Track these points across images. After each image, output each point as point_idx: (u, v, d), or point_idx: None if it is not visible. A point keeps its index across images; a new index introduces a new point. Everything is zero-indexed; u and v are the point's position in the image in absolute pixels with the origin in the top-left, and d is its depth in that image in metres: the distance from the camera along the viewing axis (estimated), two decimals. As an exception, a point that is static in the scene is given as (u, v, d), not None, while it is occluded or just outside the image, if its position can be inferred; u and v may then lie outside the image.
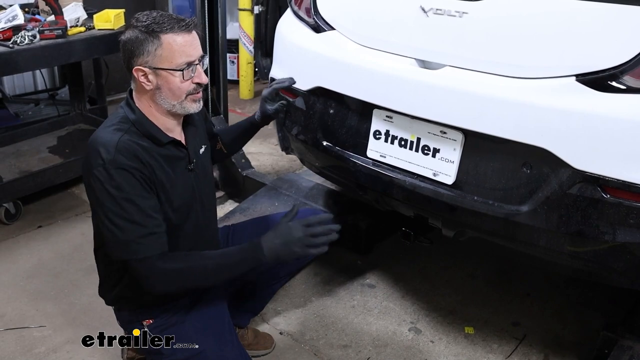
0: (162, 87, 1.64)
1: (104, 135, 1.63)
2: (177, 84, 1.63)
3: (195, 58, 1.64)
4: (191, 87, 1.66)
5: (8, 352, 2.22)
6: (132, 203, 1.58)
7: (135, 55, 1.61)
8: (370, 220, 2.83)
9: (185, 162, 1.77)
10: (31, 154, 3.43)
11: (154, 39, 1.59)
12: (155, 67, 1.61)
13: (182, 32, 1.61)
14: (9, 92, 4.14)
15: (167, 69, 1.61)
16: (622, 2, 1.61)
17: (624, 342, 2.02)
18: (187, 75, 1.63)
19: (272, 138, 4.28)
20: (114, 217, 1.58)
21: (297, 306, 2.55)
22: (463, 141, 1.92)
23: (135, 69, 1.63)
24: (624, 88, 1.62)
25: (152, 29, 1.59)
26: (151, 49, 1.60)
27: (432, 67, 1.96)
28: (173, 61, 1.61)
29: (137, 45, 1.60)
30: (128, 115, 1.67)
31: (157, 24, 1.59)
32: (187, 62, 1.62)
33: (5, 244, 2.91)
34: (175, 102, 1.66)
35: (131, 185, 1.58)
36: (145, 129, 1.66)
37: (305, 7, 2.38)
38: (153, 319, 1.79)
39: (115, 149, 1.58)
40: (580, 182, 1.68)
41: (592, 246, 1.78)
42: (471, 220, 1.98)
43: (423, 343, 2.37)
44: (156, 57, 1.60)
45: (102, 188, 1.58)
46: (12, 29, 2.82)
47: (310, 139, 2.35)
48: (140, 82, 1.64)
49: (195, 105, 1.71)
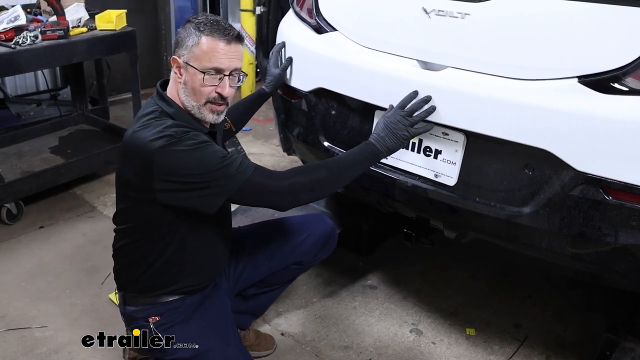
0: (187, 84, 1.67)
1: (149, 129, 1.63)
2: (199, 85, 1.65)
3: (225, 68, 1.66)
4: (212, 95, 1.68)
5: (10, 353, 2.22)
6: (212, 149, 1.63)
7: (179, 45, 1.68)
8: (371, 221, 2.83)
9: None
10: (33, 155, 3.43)
11: (196, 36, 1.64)
12: (187, 62, 1.65)
13: (221, 39, 1.64)
14: (11, 92, 4.14)
15: (195, 67, 1.64)
16: (624, 4, 1.61)
17: (626, 344, 2.02)
18: (210, 80, 1.65)
19: (274, 139, 4.28)
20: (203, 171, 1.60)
21: (298, 307, 2.55)
22: (465, 143, 1.92)
23: (172, 58, 1.69)
24: (626, 90, 1.61)
25: (199, 27, 1.64)
26: (190, 44, 1.65)
27: (434, 68, 1.96)
28: (202, 62, 1.64)
29: (183, 37, 1.67)
30: (165, 109, 1.70)
31: (205, 25, 1.64)
32: (215, 68, 1.64)
33: (6, 244, 2.91)
34: (195, 103, 1.69)
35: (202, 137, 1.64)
36: (186, 119, 1.70)
37: (307, 8, 2.38)
38: (159, 317, 1.79)
39: (170, 127, 1.62)
40: (582, 183, 1.68)
41: (594, 248, 1.78)
42: (473, 222, 1.97)
43: (424, 344, 2.36)
44: (191, 53, 1.65)
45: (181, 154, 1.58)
46: (14, 30, 2.82)
47: (312, 140, 2.35)
48: (174, 72, 1.70)
49: (212, 116, 1.72)
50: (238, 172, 1.62)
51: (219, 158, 1.62)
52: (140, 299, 1.82)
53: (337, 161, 1.81)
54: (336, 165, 1.78)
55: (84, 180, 3.47)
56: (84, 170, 3.35)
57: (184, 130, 1.62)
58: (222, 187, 1.62)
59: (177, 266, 1.79)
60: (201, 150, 1.61)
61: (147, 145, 1.59)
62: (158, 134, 1.59)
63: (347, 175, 1.79)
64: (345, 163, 1.79)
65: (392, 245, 2.96)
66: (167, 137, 1.59)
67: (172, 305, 1.81)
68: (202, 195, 1.62)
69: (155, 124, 1.64)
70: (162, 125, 1.62)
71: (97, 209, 3.24)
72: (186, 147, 1.59)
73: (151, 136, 1.60)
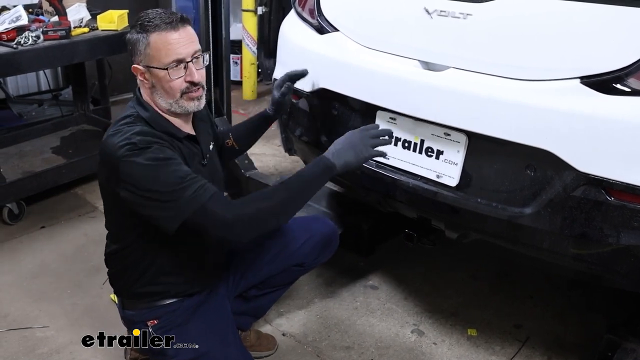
0: (157, 86, 1.65)
1: (119, 134, 1.60)
2: (167, 82, 1.63)
3: (184, 55, 1.63)
4: (184, 86, 1.65)
5: (11, 353, 2.22)
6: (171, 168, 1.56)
7: (133, 54, 1.65)
8: (372, 221, 2.83)
9: (199, 157, 1.78)
10: (34, 155, 3.43)
11: (144, 38, 1.61)
12: (147, 65, 1.63)
13: (168, 31, 1.60)
14: (13, 92, 4.14)
15: (156, 67, 1.62)
16: (626, 4, 1.61)
17: (627, 345, 2.02)
18: (175, 73, 1.62)
19: (276, 139, 4.28)
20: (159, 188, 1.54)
21: (299, 307, 2.55)
22: (467, 143, 1.92)
23: (133, 68, 1.66)
24: (629, 90, 1.61)
25: (143, 29, 1.61)
26: (142, 48, 1.62)
27: (435, 68, 1.96)
28: (160, 60, 1.61)
29: (132, 44, 1.64)
30: (140, 113, 1.67)
31: (147, 23, 1.60)
32: (175, 60, 1.62)
33: (8, 244, 2.92)
34: (171, 100, 1.66)
35: (166, 154, 1.58)
36: (161, 125, 1.67)
37: (308, 8, 2.38)
38: (157, 320, 1.79)
39: (137, 134, 1.58)
40: (584, 184, 1.68)
41: (595, 249, 1.78)
42: (474, 223, 1.97)
43: (426, 345, 2.36)
44: (147, 56, 1.62)
45: (136, 170, 1.54)
46: (16, 30, 2.82)
47: (314, 141, 2.35)
48: (140, 80, 1.67)
49: (193, 103, 1.69)
50: (193, 196, 1.54)
51: (177, 178, 1.55)
52: (137, 304, 1.82)
53: (294, 180, 1.69)
54: (295, 184, 1.68)
55: (86, 181, 3.47)
56: (86, 170, 3.35)
57: (148, 141, 1.57)
58: (175, 210, 1.55)
59: (170, 275, 1.79)
60: (159, 167, 1.55)
61: (113, 152, 1.56)
62: (123, 141, 1.57)
63: (307, 192, 1.70)
64: (304, 179, 1.69)
65: (393, 245, 2.95)
66: (130, 145, 1.55)
67: (170, 308, 1.80)
68: (157, 212, 1.57)
69: (125, 129, 1.61)
70: (130, 132, 1.59)
71: (99, 209, 3.24)
72: (145, 161, 1.54)
73: (118, 143, 1.57)
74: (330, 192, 3.02)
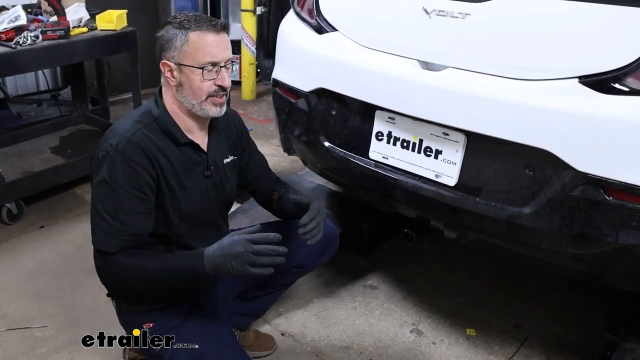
0: (184, 85, 1.65)
1: (123, 124, 1.66)
2: (198, 82, 1.63)
3: (220, 60, 1.64)
4: (212, 89, 1.65)
5: (10, 353, 2.22)
6: (118, 196, 1.59)
7: (165, 49, 1.64)
8: (372, 221, 2.83)
9: (202, 167, 1.77)
10: (33, 155, 3.43)
11: (182, 35, 1.61)
12: (180, 62, 1.63)
13: (210, 32, 1.62)
14: (12, 92, 4.13)
15: (190, 65, 1.62)
16: (624, 4, 1.61)
17: (626, 345, 2.02)
18: (208, 75, 1.63)
19: (274, 139, 4.28)
20: (97, 203, 1.60)
21: (298, 307, 2.55)
22: (465, 143, 1.92)
23: (162, 63, 1.66)
24: (627, 90, 1.61)
25: (183, 25, 1.62)
26: (178, 44, 1.62)
27: (434, 68, 1.96)
28: (196, 59, 1.62)
29: (167, 40, 1.64)
30: (152, 109, 1.69)
31: (188, 21, 1.62)
32: (211, 62, 1.63)
33: (7, 244, 2.91)
34: (195, 102, 1.66)
35: (127, 179, 1.59)
36: (165, 126, 1.67)
37: (307, 8, 2.38)
38: (153, 323, 1.78)
39: (127, 140, 1.60)
40: (582, 184, 1.68)
41: (594, 248, 1.78)
42: (473, 222, 1.97)
43: (425, 345, 2.36)
44: (182, 53, 1.62)
45: (99, 170, 1.59)
46: (15, 30, 2.82)
47: (312, 140, 2.35)
48: (166, 77, 1.67)
49: (216, 109, 1.69)
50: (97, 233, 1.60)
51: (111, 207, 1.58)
52: (133, 306, 1.82)
53: (164, 259, 1.65)
54: (161, 264, 1.62)
55: (85, 180, 3.46)
56: (85, 170, 3.34)
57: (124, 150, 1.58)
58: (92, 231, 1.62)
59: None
60: (108, 187, 1.58)
61: (101, 141, 1.65)
62: (113, 135, 1.63)
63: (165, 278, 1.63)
64: (169, 265, 1.62)
65: (392, 245, 2.95)
66: (109, 144, 1.60)
67: (165, 311, 1.79)
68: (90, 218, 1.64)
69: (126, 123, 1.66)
70: (125, 128, 1.64)
71: (98, 209, 3.24)
72: (103, 175, 1.58)
73: (110, 133, 1.64)
74: (330, 192, 3.02)
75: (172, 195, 1.69)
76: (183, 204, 1.72)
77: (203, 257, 1.56)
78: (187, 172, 1.72)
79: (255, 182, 2.04)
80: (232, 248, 1.54)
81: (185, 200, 1.72)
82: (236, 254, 1.53)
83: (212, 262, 1.55)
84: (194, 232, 1.78)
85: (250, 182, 2.03)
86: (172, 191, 1.68)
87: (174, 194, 1.69)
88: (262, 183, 2.05)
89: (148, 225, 1.65)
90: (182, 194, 1.71)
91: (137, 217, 1.62)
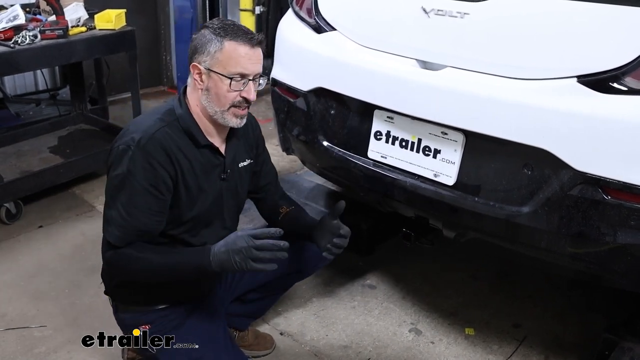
0: (211, 90, 1.65)
1: (145, 120, 1.66)
2: (224, 91, 1.64)
3: (250, 72, 1.64)
4: (237, 100, 1.66)
5: (9, 352, 2.22)
6: (134, 191, 1.59)
7: (198, 52, 1.65)
8: (371, 221, 2.83)
9: (219, 170, 1.77)
10: (32, 154, 3.43)
11: (218, 42, 1.62)
12: (210, 68, 1.63)
13: (245, 44, 1.62)
14: (10, 92, 4.13)
15: (219, 73, 1.62)
16: (623, 4, 1.61)
17: (625, 344, 2.02)
18: (236, 86, 1.63)
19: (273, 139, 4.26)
20: (113, 193, 1.61)
21: (297, 306, 2.55)
22: (464, 142, 1.92)
23: (192, 65, 1.67)
24: (625, 89, 1.61)
25: (220, 33, 1.62)
26: (212, 50, 1.62)
27: (433, 67, 1.96)
28: (227, 67, 1.62)
29: (203, 43, 1.64)
30: (175, 108, 1.70)
31: (225, 29, 1.62)
32: (240, 74, 1.63)
33: (6, 243, 2.91)
34: (218, 109, 1.67)
35: (146, 176, 1.60)
36: (187, 126, 1.68)
37: (306, 7, 2.38)
38: (150, 325, 1.78)
39: (150, 137, 1.61)
40: (581, 183, 1.68)
41: (592, 248, 1.78)
42: (472, 222, 1.97)
43: (423, 344, 2.36)
44: (214, 59, 1.62)
45: (118, 163, 1.60)
46: (13, 29, 2.82)
47: (311, 140, 2.35)
48: (194, 79, 1.67)
49: (236, 120, 1.70)
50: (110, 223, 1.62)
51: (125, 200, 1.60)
52: (130, 307, 1.83)
53: (171, 253, 1.68)
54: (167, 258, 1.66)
55: (83, 180, 3.47)
56: (83, 169, 3.35)
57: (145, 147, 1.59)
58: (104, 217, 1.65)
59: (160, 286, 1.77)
60: (126, 181, 1.59)
61: (122, 133, 1.66)
62: (136, 129, 1.63)
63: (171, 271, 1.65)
64: (175, 259, 1.66)
65: (391, 245, 2.95)
66: (131, 137, 1.61)
67: (162, 313, 1.80)
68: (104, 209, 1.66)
69: (149, 119, 1.67)
70: (149, 124, 1.64)
71: (96, 208, 3.24)
72: (122, 169, 1.60)
73: (133, 127, 1.65)
74: (329, 191, 3.02)
75: (188, 196, 1.69)
76: (198, 205, 1.72)
77: (210, 253, 1.60)
78: (205, 174, 1.72)
79: (263, 190, 2.04)
80: (235, 244, 1.57)
81: (200, 201, 1.73)
82: (239, 249, 1.56)
83: (217, 258, 1.59)
84: (204, 232, 1.78)
85: (258, 190, 2.03)
86: (189, 192, 1.69)
87: (190, 195, 1.70)
88: (269, 193, 2.05)
89: (159, 225, 1.66)
90: (199, 196, 1.72)
91: (150, 214, 1.63)
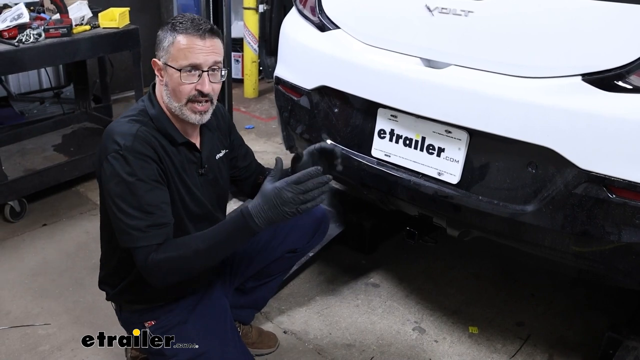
0: (169, 85, 1.66)
1: (120, 125, 1.65)
2: (178, 85, 1.63)
3: (202, 63, 1.62)
4: (192, 93, 1.64)
5: (13, 350, 2.23)
6: (142, 191, 1.58)
7: (157, 48, 1.67)
8: (374, 219, 2.83)
9: (196, 166, 1.77)
10: (36, 153, 3.43)
11: (171, 36, 1.62)
12: (165, 62, 1.64)
13: (194, 35, 1.61)
14: (14, 90, 4.14)
15: (172, 66, 1.63)
16: (628, 2, 1.60)
17: (629, 343, 2.02)
18: (188, 78, 1.62)
19: (277, 137, 4.28)
20: (122, 204, 1.57)
21: (301, 305, 2.55)
22: (468, 140, 1.92)
23: (152, 61, 1.68)
24: (630, 88, 1.61)
25: (173, 27, 1.62)
26: (166, 45, 1.63)
27: (437, 66, 1.96)
28: (178, 60, 1.62)
29: (160, 39, 1.66)
30: (148, 109, 1.69)
31: (180, 24, 1.62)
32: (191, 64, 1.62)
33: (10, 242, 2.92)
34: (177, 104, 1.66)
35: (145, 172, 1.59)
36: (163, 126, 1.68)
37: (310, 5, 2.38)
38: (155, 321, 1.79)
39: (133, 137, 1.60)
40: (585, 182, 1.67)
41: (597, 246, 1.77)
42: (476, 220, 1.97)
43: (427, 342, 2.36)
44: (168, 54, 1.63)
45: (114, 173, 1.58)
46: (18, 28, 2.82)
47: (315, 138, 2.35)
48: (156, 75, 1.69)
49: (195, 116, 1.67)
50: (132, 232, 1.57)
51: (138, 205, 1.57)
52: (134, 305, 1.83)
53: (210, 234, 1.61)
54: (210, 239, 1.60)
55: (87, 178, 3.48)
56: (87, 168, 3.35)
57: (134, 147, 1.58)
58: (119, 230, 1.60)
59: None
60: (131, 185, 1.57)
61: (103, 146, 1.62)
62: (115, 136, 1.60)
63: (221, 250, 1.61)
64: (220, 237, 1.60)
65: (394, 243, 2.95)
66: (116, 144, 1.58)
67: (167, 309, 1.80)
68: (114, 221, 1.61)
69: (124, 124, 1.64)
70: (125, 128, 1.62)
71: (100, 206, 3.25)
72: (119, 176, 1.57)
73: (112, 136, 1.61)
74: (332, 189, 3.02)
75: (175, 192, 1.69)
76: (185, 200, 1.73)
77: (252, 217, 1.53)
78: (184, 171, 1.72)
79: (245, 170, 2.04)
80: (281, 197, 1.51)
81: (186, 196, 1.73)
82: (287, 200, 1.50)
83: (263, 217, 1.53)
84: (193, 227, 1.77)
85: (240, 172, 2.03)
86: (175, 187, 1.69)
87: (177, 190, 1.70)
88: (249, 170, 2.06)
89: (172, 216, 1.65)
90: (184, 191, 1.72)
91: (164, 207, 1.62)
